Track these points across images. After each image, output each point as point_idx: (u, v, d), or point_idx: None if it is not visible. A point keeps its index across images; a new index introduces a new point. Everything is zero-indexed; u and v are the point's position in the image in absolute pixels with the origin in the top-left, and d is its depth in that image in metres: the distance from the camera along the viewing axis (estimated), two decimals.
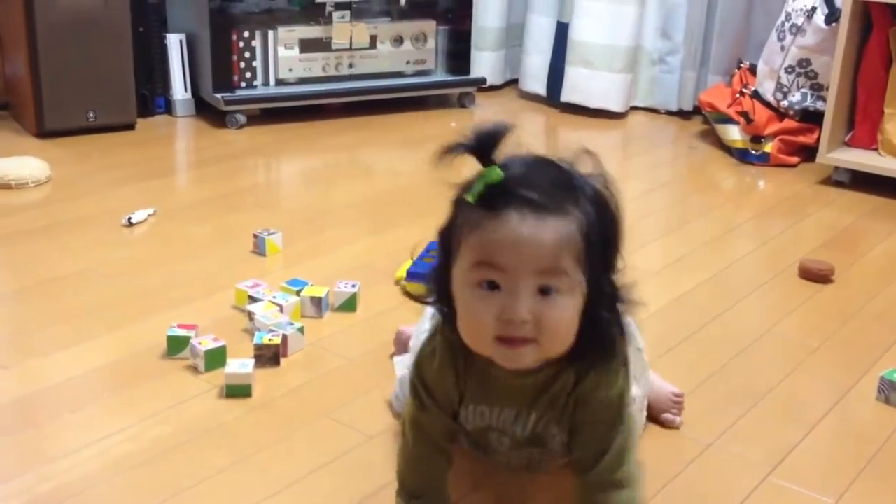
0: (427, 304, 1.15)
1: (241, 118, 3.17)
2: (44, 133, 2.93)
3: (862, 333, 1.90)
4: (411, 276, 2.00)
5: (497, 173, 1.00)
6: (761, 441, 1.51)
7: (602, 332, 1.07)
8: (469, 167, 1.05)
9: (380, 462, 1.40)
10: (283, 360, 1.69)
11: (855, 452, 1.50)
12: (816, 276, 2.13)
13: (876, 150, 2.83)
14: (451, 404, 1.16)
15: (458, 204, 1.06)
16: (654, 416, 1.51)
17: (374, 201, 2.58)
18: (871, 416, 1.61)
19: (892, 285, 2.14)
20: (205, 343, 1.65)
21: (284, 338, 1.70)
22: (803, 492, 1.39)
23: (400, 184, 2.76)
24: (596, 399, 1.11)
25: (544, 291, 1.01)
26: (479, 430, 1.19)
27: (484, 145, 1.02)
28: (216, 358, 1.64)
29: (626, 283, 1.10)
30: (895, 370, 1.65)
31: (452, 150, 1.04)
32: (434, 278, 1.12)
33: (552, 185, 1.02)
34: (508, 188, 1.00)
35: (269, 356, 1.67)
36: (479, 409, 1.16)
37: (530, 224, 0.99)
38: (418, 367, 1.17)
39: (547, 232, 0.99)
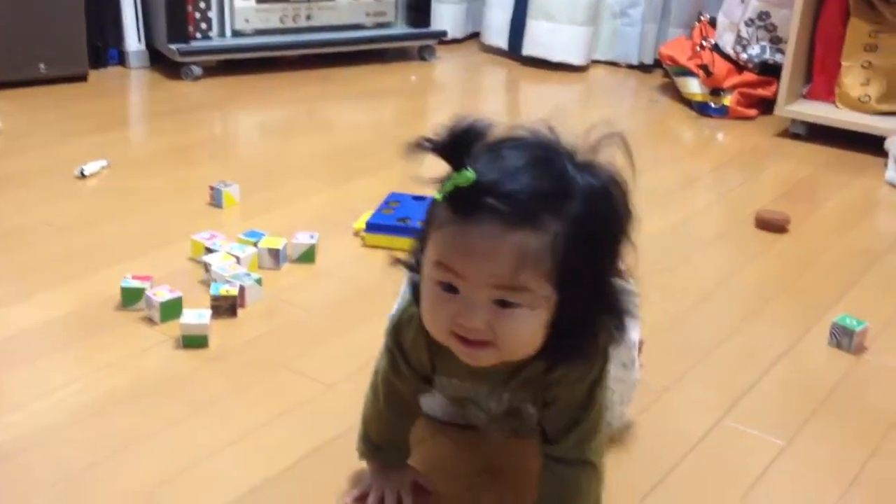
0: (408, 268, 1.08)
1: (197, 70, 3.12)
2: None
3: (816, 282, 1.93)
4: (371, 227, 1.99)
5: (466, 178, 0.91)
6: (716, 386, 1.53)
7: (576, 342, 1.01)
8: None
9: (339, 411, 1.40)
10: (240, 312, 1.67)
11: (807, 396, 1.52)
12: (772, 226, 2.15)
13: (833, 102, 2.85)
14: (423, 370, 1.14)
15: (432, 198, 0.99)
16: None
17: (332, 154, 2.56)
18: (823, 361, 1.63)
19: (846, 235, 2.17)
20: (160, 294, 1.63)
21: (242, 289, 1.69)
22: (756, 434, 1.41)
23: (359, 137, 2.73)
24: (567, 384, 1.08)
25: (503, 304, 0.95)
26: (458, 399, 1.18)
27: (456, 146, 0.92)
28: (172, 309, 1.62)
29: (624, 288, 1.03)
30: (847, 316, 1.67)
31: (421, 146, 0.95)
32: (416, 247, 1.06)
33: (532, 192, 0.93)
34: (478, 195, 0.92)
35: (225, 307, 1.65)
36: (452, 382, 1.14)
37: (492, 238, 0.92)
38: (395, 330, 1.14)
39: (508, 248, 0.92)
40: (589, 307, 1.00)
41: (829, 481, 1.32)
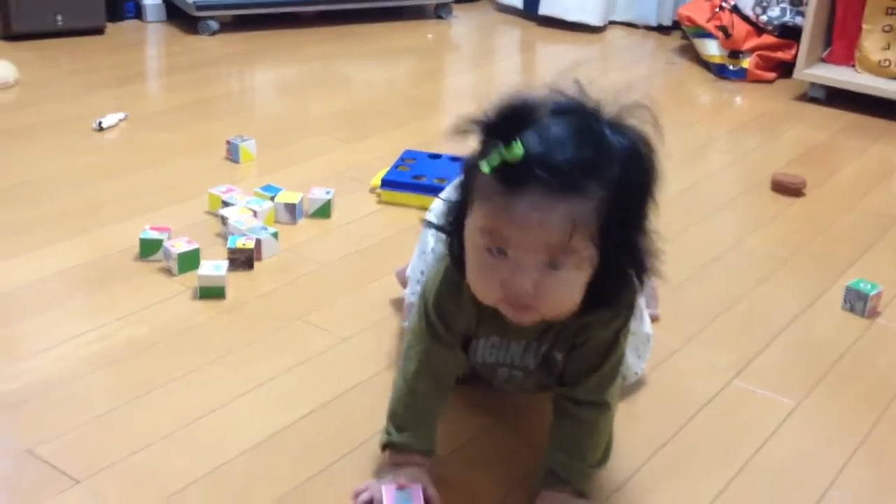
0: (443, 231, 1.10)
1: (214, 25, 3.11)
2: (10, 36, 2.87)
3: (831, 246, 1.93)
4: (386, 184, 1.99)
5: (516, 153, 0.94)
6: (728, 347, 1.54)
7: (612, 293, 1.06)
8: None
9: (353, 362, 1.42)
10: (256, 265, 1.69)
11: (818, 359, 1.53)
12: (788, 189, 2.15)
13: (853, 66, 2.83)
14: (466, 332, 1.16)
15: (474, 165, 0.99)
16: None
17: (348, 111, 2.56)
18: (836, 325, 1.64)
19: (862, 199, 2.16)
20: (178, 245, 1.64)
21: (258, 242, 1.70)
22: (766, 394, 1.42)
23: (375, 94, 2.73)
24: (595, 329, 1.12)
25: (551, 265, 0.99)
26: (488, 366, 1.19)
27: (507, 125, 0.95)
28: (189, 260, 1.63)
29: (652, 247, 1.06)
30: (861, 280, 1.68)
31: (470, 126, 0.98)
32: (451, 210, 1.08)
33: (577, 163, 0.95)
34: (527, 168, 0.94)
35: (242, 260, 1.67)
36: (491, 340, 1.16)
37: (542, 207, 0.95)
38: (438, 299, 1.14)
39: (558, 216, 0.95)
40: (623, 263, 1.03)
41: (837, 443, 1.33)
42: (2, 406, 1.29)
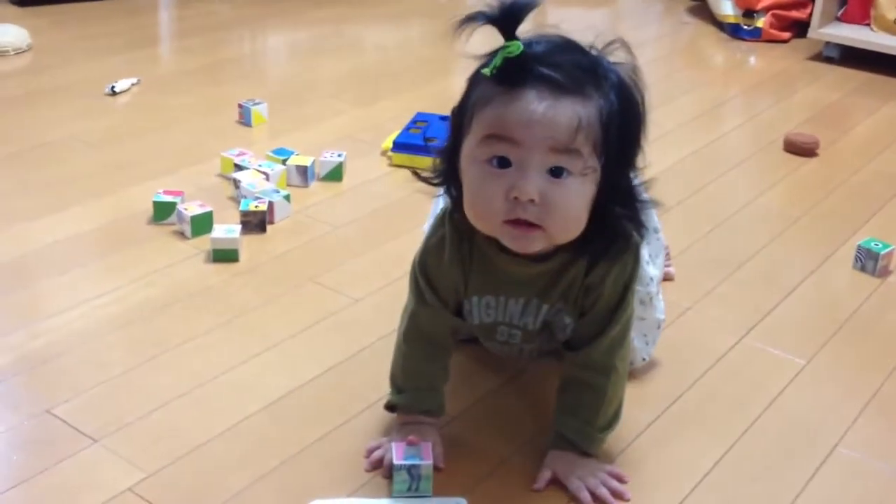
0: (433, 184, 1.09)
1: None
2: (23, 1, 2.88)
3: (843, 205, 1.92)
4: (397, 146, 2.00)
5: (517, 47, 0.95)
6: (739, 305, 1.54)
7: (614, 227, 1.04)
8: (481, 43, 1.01)
9: (365, 323, 1.43)
10: (269, 227, 1.70)
11: (829, 317, 1.53)
12: (801, 149, 2.14)
13: (868, 25, 2.80)
14: (455, 296, 1.14)
15: (474, 79, 1.01)
16: None
17: (360, 74, 2.55)
18: (847, 284, 1.64)
19: (875, 159, 2.15)
20: (191, 209, 1.66)
21: (271, 205, 1.71)
22: (777, 353, 1.43)
23: (386, 57, 2.72)
24: (603, 287, 1.09)
25: (555, 172, 0.97)
26: (487, 326, 1.17)
27: (508, 17, 0.96)
28: (203, 223, 1.64)
29: (646, 181, 1.06)
30: (872, 239, 1.67)
31: (473, 19, 0.97)
32: (442, 158, 1.07)
33: (575, 66, 0.97)
34: (528, 64, 0.95)
35: (255, 223, 1.68)
36: (484, 300, 1.13)
37: (547, 102, 0.95)
38: (422, 258, 1.14)
39: (564, 111, 0.95)
40: (619, 195, 1.02)
41: (847, 401, 1.34)
42: (20, 367, 1.31)
